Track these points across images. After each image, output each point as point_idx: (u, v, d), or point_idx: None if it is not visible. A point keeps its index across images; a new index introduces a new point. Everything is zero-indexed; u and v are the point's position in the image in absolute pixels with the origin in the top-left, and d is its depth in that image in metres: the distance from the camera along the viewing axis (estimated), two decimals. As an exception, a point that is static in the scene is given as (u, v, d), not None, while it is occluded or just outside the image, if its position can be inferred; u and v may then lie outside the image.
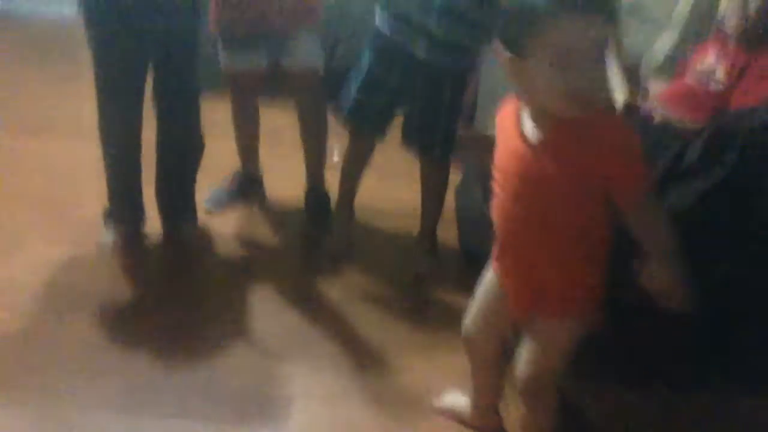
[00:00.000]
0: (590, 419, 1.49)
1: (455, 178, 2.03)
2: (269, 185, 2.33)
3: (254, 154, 2.26)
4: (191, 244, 2.06)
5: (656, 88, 1.72)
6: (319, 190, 2.23)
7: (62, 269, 1.91)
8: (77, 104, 1.82)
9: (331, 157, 2.24)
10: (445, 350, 1.62)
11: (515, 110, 1.10)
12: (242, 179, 2.26)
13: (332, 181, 2.16)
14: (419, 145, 1.87)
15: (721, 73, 1.60)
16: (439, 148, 1.83)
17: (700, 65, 1.66)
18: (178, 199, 2.06)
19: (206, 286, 1.97)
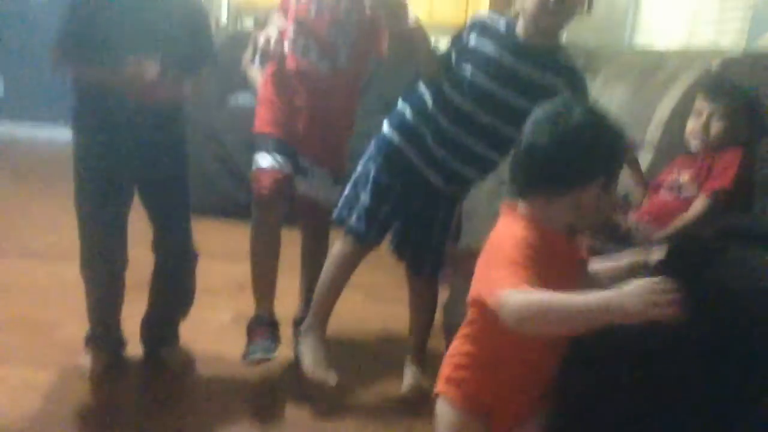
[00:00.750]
0: None
1: (443, 294, 2.03)
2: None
3: (272, 292, 2.09)
4: (173, 367, 2.00)
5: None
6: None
7: (40, 394, 1.83)
8: (67, 225, 1.83)
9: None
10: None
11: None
12: (266, 327, 2.05)
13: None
14: (411, 261, 1.88)
15: (686, 178, 1.66)
16: (429, 265, 1.85)
17: (668, 181, 1.73)
18: (164, 326, 2.03)
19: (188, 411, 1.89)
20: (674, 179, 1.69)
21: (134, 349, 2.03)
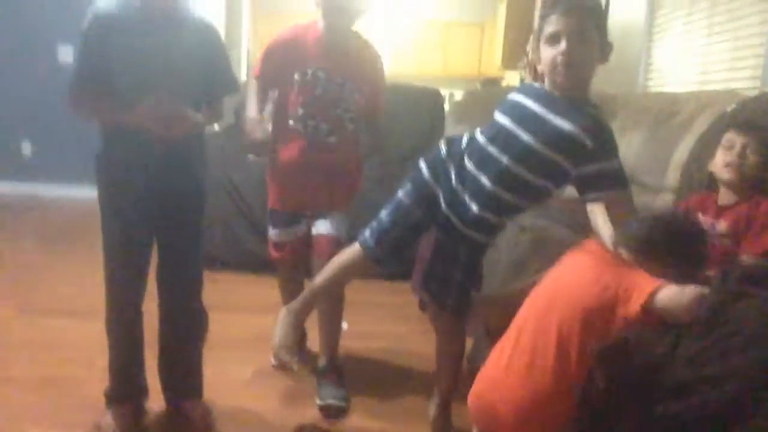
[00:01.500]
0: None
1: (468, 344, 2.01)
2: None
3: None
4: (196, 421, 1.98)
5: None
6: (335, 361, 2.20)
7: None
8: (93, 283, 1.85)
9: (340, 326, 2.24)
10: None
11: None
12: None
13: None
14: (435, 295, 1.85)
15: (723, 228, 1.65)
16: (453, 301, 1.81)
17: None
18: (181, 375, 2.02)
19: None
20: (709, 227, 1.67)
21: (158, 403, 2.01)
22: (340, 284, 1.99)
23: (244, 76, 8.63)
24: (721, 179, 1.71)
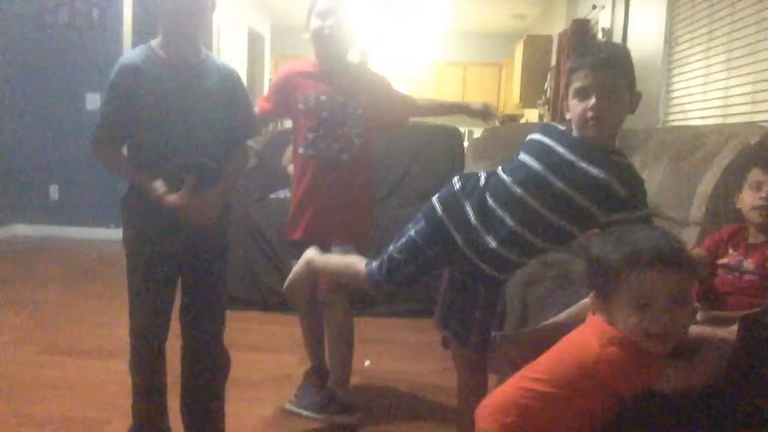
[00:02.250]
0: None
1: (491, 381, 1.97)
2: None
3: (321, 350, 2.40)
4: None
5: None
6: (341, 398, 2.20)
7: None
8: (117, 324, 1.86)
9: (361, 363, 2.22)
10: None
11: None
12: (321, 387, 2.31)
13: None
14: (456, 332, 1.81)
15: (750, 266, 1.62)
16: (475, 337, 1.78)
17: (723, 260, 1.68)
18: (203, 415, 1.99)
19: None
20: (736, 262, 1.65)
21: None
22: (335, 278, 2.09)
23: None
24: (750, 221, 1.69)
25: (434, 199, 1.80)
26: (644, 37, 4.25)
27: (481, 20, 9.14)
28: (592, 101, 1.50)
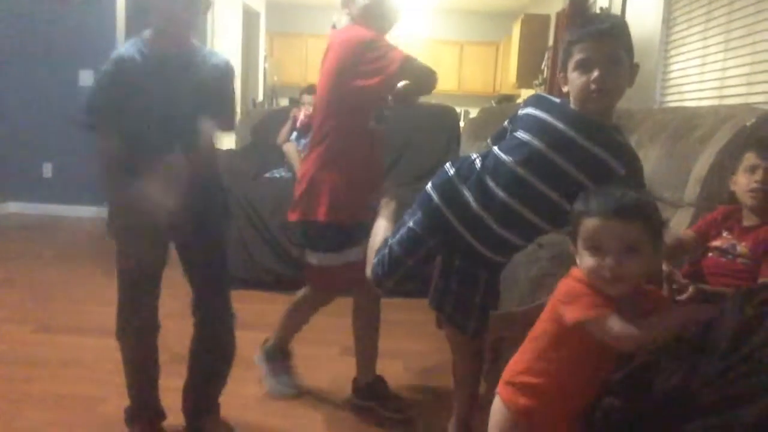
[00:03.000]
0: None
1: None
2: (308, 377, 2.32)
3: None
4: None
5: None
6: (375, 379, 2.25)
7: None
8: (111, 302, 1.86)
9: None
10: None
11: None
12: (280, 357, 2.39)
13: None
14: (454, 318, 1.81)
15: (743, 249, 1.62)
16: (474, 323, 1.78)
17: (716, 242, 1.68)
18: (205, 398, 2.02)
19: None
20: (730, 246, 1.65)
21: (176, 420, 2.01)
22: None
23: (261, 91, 8.74)
24: (744, 204, 1.69)
25: (428, 187, 1.78)
26: (642, 17, 4.22)
27: (478, -2, 9.06)
28: (595, 73, 1.48)
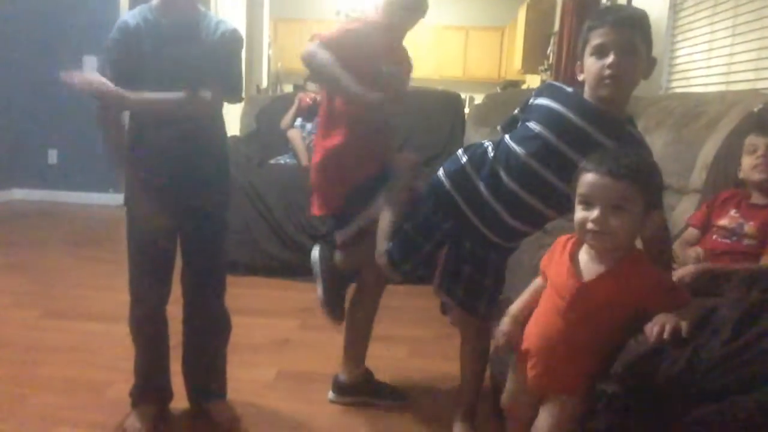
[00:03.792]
0: None
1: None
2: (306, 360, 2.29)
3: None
4: (221, 421, 1.99)
5: (683, 250, 1.73)
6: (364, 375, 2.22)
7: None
8: (117, 288, 1.88)
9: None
10: None
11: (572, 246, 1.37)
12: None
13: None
14: (464, 301, 1.81)
15: (750, 229, 1.62)
16: (483, 306, 1.79)
17: (723, 221, 1.68)
18: (205, 375, 2.04)
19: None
20: (737, 225, 1.65)
21: (183, 403, 2.03)
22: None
23: (265, 77, 8.71)
24: (751, 181, 1.69)
25: (440, 173, 1.79)
26: (649, 2, 4.18)
27: (483, -17, 8.99)
28: (610, 59, 1.48)
